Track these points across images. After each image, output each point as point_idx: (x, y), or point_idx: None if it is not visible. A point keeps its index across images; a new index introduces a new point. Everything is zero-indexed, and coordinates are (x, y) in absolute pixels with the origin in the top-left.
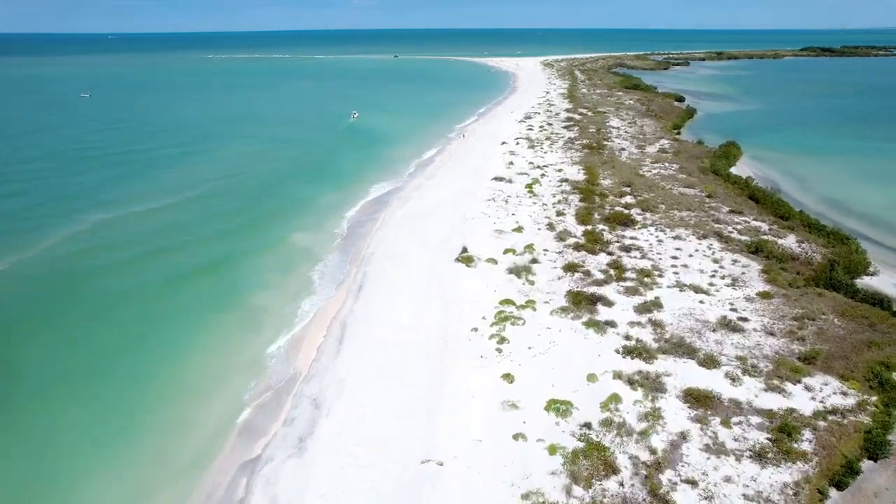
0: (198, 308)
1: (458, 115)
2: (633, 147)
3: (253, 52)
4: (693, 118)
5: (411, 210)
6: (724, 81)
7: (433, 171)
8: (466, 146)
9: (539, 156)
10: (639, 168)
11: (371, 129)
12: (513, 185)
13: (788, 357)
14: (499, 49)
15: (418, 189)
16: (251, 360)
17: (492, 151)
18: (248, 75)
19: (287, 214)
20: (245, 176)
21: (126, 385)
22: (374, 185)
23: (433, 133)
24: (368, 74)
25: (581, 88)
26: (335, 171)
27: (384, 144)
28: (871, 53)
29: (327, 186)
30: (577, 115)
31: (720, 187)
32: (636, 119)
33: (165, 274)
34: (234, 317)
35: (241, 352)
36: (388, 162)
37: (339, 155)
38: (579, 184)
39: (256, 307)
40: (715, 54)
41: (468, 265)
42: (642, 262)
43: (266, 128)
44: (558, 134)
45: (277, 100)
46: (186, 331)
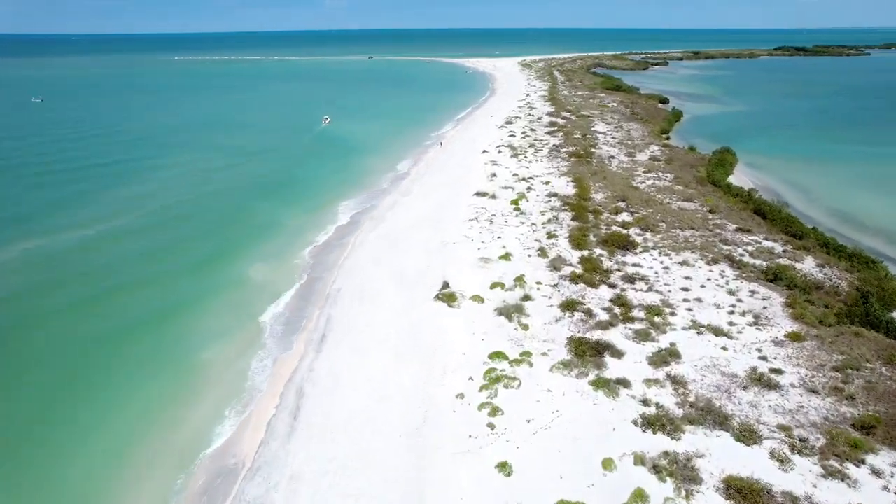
0: (124, 374)
1: (435, 121)
2: (623, 154)
3: (224, 55)
4: (680, 121)
5: (385, 232)
6: (705, 82)
7: (409, 186)
8: (445, 155)
9: (523, 166)
10: (632, 179)
11: (343, 136)
12: (497, 202)
13: (841, 425)
14: (475, 49)
15: (392, 207)
16: (183, 444)
17: (472, 161)
18: (218, 78)
19: (245, 243)
20: (202, 195)
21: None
22: (343, 203)
23: (409, 141)
24: (342, 76)
25: (562, 90)
26: (303, 187)
27: (356, 154)
28: (843, 53)
29: (293, 206)
30: (560, 120)
31: (721, 200)
32: (622, 123)
33: (91, 328)
34: (167, 384)
35: (172, 433)
36: (360, 175)
37: (308, 168)
38: (570, 199)
39: (197, 369)
40: (692, 54)
41: (450, 305)
42: (650, 295)
43: (232, 136)
44: (542, 140)
45: (246, 104)
46: (104, 408)
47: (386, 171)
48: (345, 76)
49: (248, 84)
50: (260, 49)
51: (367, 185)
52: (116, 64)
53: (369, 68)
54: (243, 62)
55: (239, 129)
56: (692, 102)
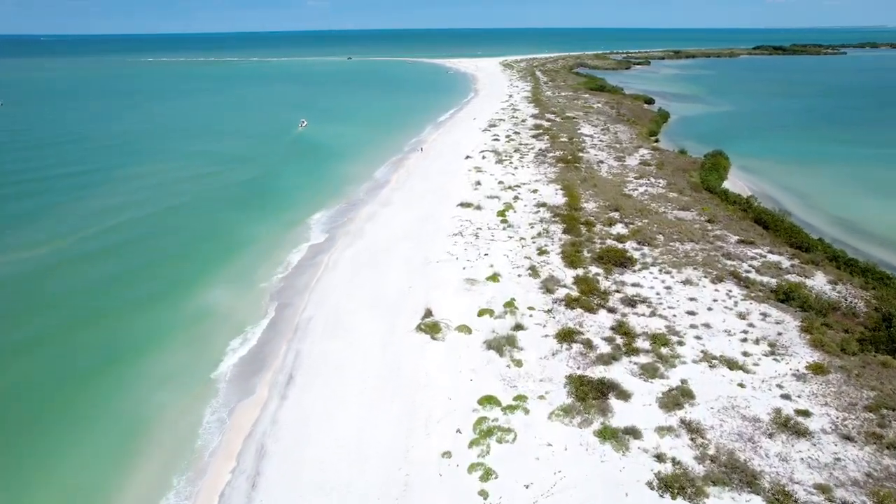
0: (54, 435)
1: (415, 124)
2: (612, 159)
3: (198, 56)
4: (667, 123)
5: (362, 249)
6: (689, 81)
7: (388, 195)
8: (426, 161)
9: (509, 172)
10: (623, 186)
11: (320, 141)
12: (482, 213)
13: (887, 482)
14: (456, 50)
15: (371, 220)
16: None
17: (455, 168)
18: (190, 80)
19: (210, 265)
20: (167, 210)
21: None
22: (319, 216)
23: (388, 146)
24: (320, 78)
25: (545, 91)
26: (276, 198)
27: (333, 161)
28: (820, 52)
29: (264, 221)
30: (545, 122)
31: (718, 208)
32: (608, 125)
33: (22, 375)
34: (106, 445)
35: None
36: (338, 183)
37: (283, 177)
38: (560, 209)
39: (143, 424)
40: (672, 53)
41: (434, 336)
42: (654, 321)
43: (202, 142)
44: (528, 145)
45: (219, 108)
46: (25, 482)
47: (364, 179)
48: (323, 77)
49: (221, 86)
50: (237, 50)
51: (345, 194)
52: (85, 66)
53: (349, 69)
54: (218, 63)
55: (211, 134)
56: (678, 103)
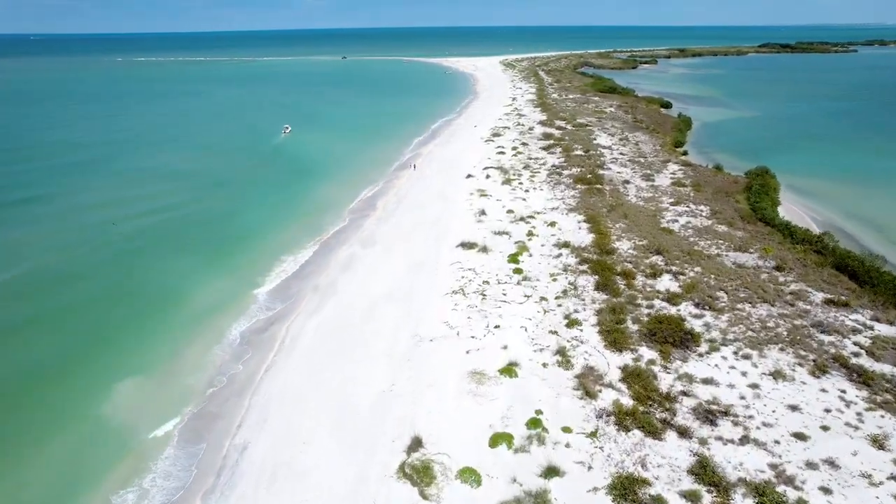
0: None
1: (409, 132)
2: (639, 177)
3: (192, 55)
4: (691, 130)
5: (330, 318)
6: (702, 82)
7: (372, 231)
8: (420, 182)
9: (519, 197)
10: (659, 215)
11: (302, 152)
12: (489, 258)
13: None
14: (454, 48)
15: (347, 268)
16: None
17: (454, 191)
18: (176, 81)
19: (120, 345)
20: (88, 253)
21: None
22: (282, 262)
23: (377, 159)
24: (312, 78)
25: (551, 93)
26: (232, 237)
27: (312, 180)
28: (829, 50)
29: (211, 271)
30: (555, 131)
31: (783, 248)
32: (626, 133)
33: None
34: None
35: None
36: (312, 213)
37: (248, 202)
38: (587, 251)
39: None
40: (678, 51)
41: (424, 490)
42: (748, 454)
43: (166, 155)
44: (538, 159)
45: (197, 113)
46: None
47: (345, 205)
48: (315, 78)
49: (205, 88)
50: (229, 49)
51: (320, 228)
52: (65, 66)
53: (342, 69)
54: (207, 64)
55: (177, 146)
56: (697, 107)
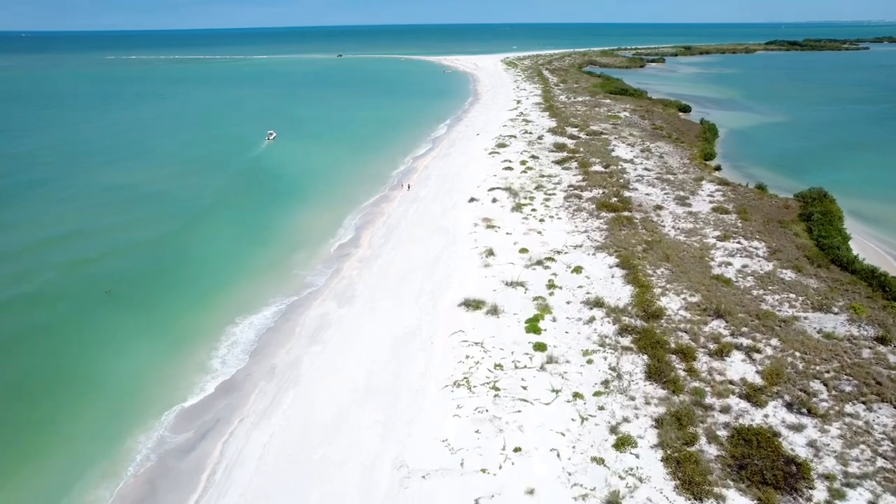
0: None
1: (404, 141)
2: (672, 201)
3: (184, 53)
4: (718, 139)
5: (286, 426)
6: (717, 82)
7: (352, 280)
8: (414, 207)
9: (533, 229)
10: (707, 255)
11: (283, 165)
12: (501, 324)
13: None
14: (453, 46)
15: (315, 340)
16: None
17: (454, 220)
18: (161, 82)
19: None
20: (11, 301)
21: None
22: (234, 326)
23: (367, 174)
24: (304, 78)
25: (558, 95)
26: (185, 282)
27: (290, 202)
28: (840, 47)
29: (143, 341)
30: (567, 140)
31: (873, 303)
32: (647, 143)
33: None
34: None
35: None
36: (284, 251)
37: (213, 234)
38: (626, 312)
39: None
40: (684, 48)
41: None
42: None
43: (138, 167)
44: (552, 177)
45: (180, 117)
46: None
47: (324, 241)
48: (308, 78)
49: (190, 90)
50: (224, 47)
51: (289, 274)
52: (44, 65)
53: (337, 68)
54: (199, 62)
55: (146, 158)
56: (717, 111)
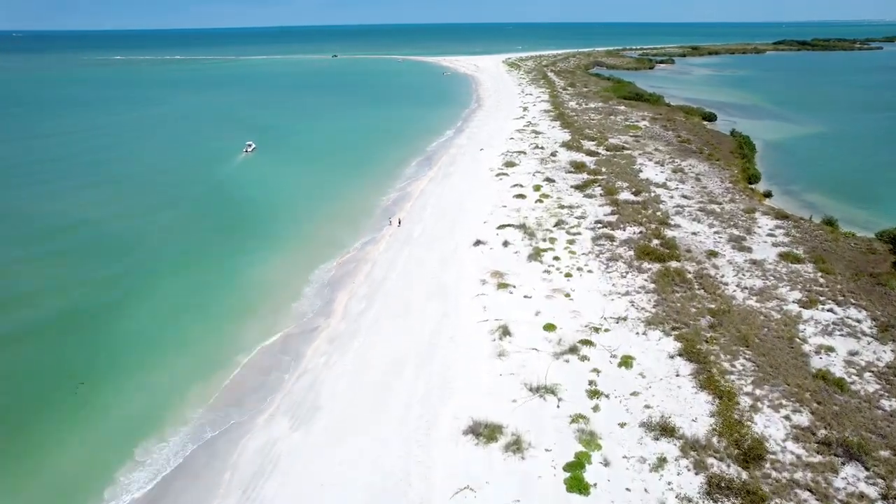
0: None
1: (397, 157)
2: (727, 243)
3: (176, 54)
4: (756, 154)
5: None
6: (735, 86)
7: (315, 381)
8: (405, 251)
9: (559, 290)
10: (794, 333)
11: (256, 187)
12: (526, 471)
13: None
14: (453, 46)
15: (250, 500)
16: None
17: (456, 275)
18: (144, 85)
19: None
20: None
21: None
22: (127, 479)
23: (350, 203)
24: (295, 80)
25: (567, 100)
26: (95, 375)
27: (252, 245)
28: (852, 47)
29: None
30: (585, 157)
31: None
32: (677, 160)
33: None
34: None
35: None
36: (230, 324)
37: (139, 301)
38: (711, 450)
39: None
40: (691, 49)
41: None
42: None
43: (89, 188)
44: (573, 208)
45: (153, 125)
46: None
47: (284, 307)
48: (299, 80)
49: (171, 93)
50: (217, 48)
51: (226, 370)
52: (20, 66)
53: (331, 69)
54: (187, 63)
55: (100, 176)
56: (745, 119)
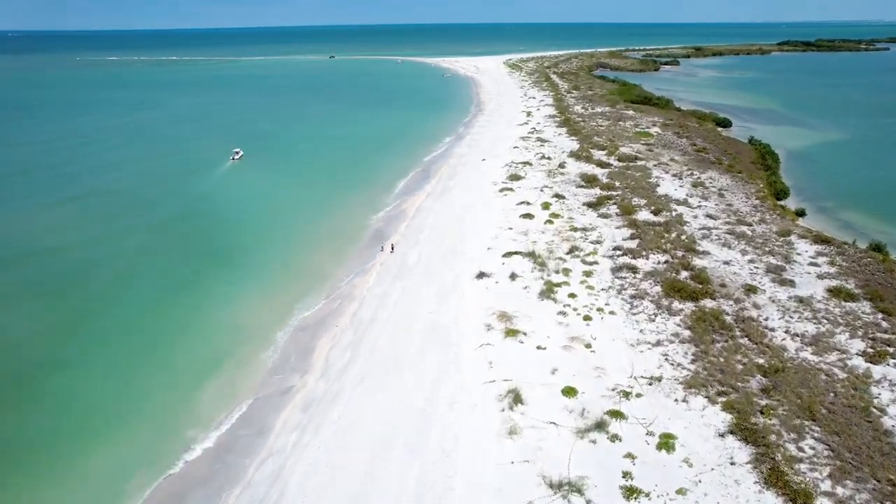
0: None
1: (392, 168)
2: (765, 275)
3: (171, 54)
4: (779, 165)
5: None
6: (745, 88)
7: (280, 471)
8: (399, 289)
9: (577, 337)
10: (867, 399)
11: (239, 201)
12: None
13: None
14: (452, 47)
15: None
16: None
17: (456, 316)
18: (135, 87)
19: None
20: None
21: None
22: None
23: (340, 221)
24: (291, 82)
25: (572, 104)
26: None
27: (225, 276)
28: (858, 48)
29: None
30: (596, 169)
31: None
32: (696, 172)
33: None
34: None
35: None
36: (207, 364)
37: (111, 328)
38: None
39: None
40: (693, 49)
41: None
42: None
43: (53, 205)
44: (587, 230)
45: (136, 130)
46: None
47: (258, 353)
48: (295, 82)
49: (161, 96)
50: (213, 48)
51: (184, 442)
52: (11, 66)
53: (328, 70)
54: (181, 63)
55: (69, 189)
56: (760, 125)
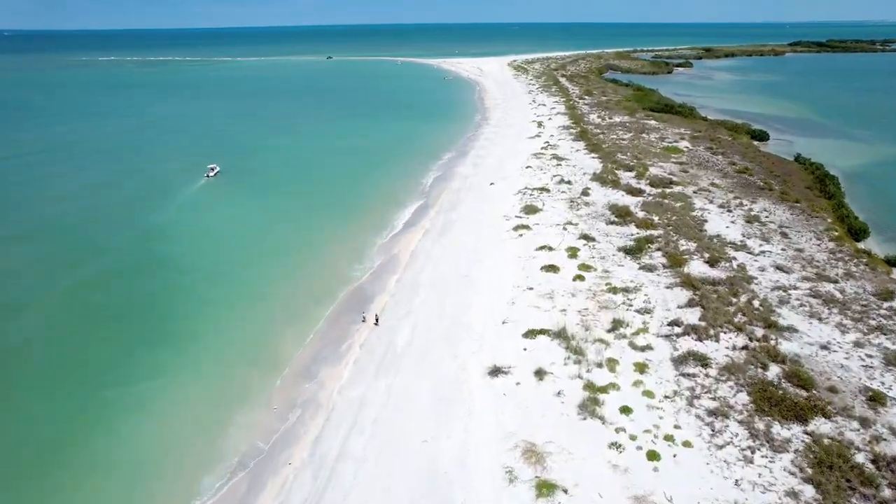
0: None
1: (384, 194)
2: (885, 368)
3: (167, 55)
4: (842, 191)
5: None
6: (768, 93)
7: None
8: (382, 391)
9: (638, 492)
10: None
11: (203, 236)
12: None
13: None
14: (453, 47)
15: None
16: None
17: (462, 450)
18: (119, 89)
19: None
20: None
21: None
22: None
23: (317, 281)
24: (283, 85)
25: (587, 112)
26: None
27: (175, 345)
28: (874, 49)
29: None
30: (627, 198)
31: None
32: (744, 201)
33: None
34: None
35: None
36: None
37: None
38: None
39: None
40: (703, 50)
41: None
42: None
43: None
44: (629, 292)
45: (106, 140)
46: None
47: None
48: (286, 85)
49: (143, 100)
50: (208, 48)
51: None
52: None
53: (324, 72)
54: (174, 64)
55: (14, 214)
56: (799, 136)
